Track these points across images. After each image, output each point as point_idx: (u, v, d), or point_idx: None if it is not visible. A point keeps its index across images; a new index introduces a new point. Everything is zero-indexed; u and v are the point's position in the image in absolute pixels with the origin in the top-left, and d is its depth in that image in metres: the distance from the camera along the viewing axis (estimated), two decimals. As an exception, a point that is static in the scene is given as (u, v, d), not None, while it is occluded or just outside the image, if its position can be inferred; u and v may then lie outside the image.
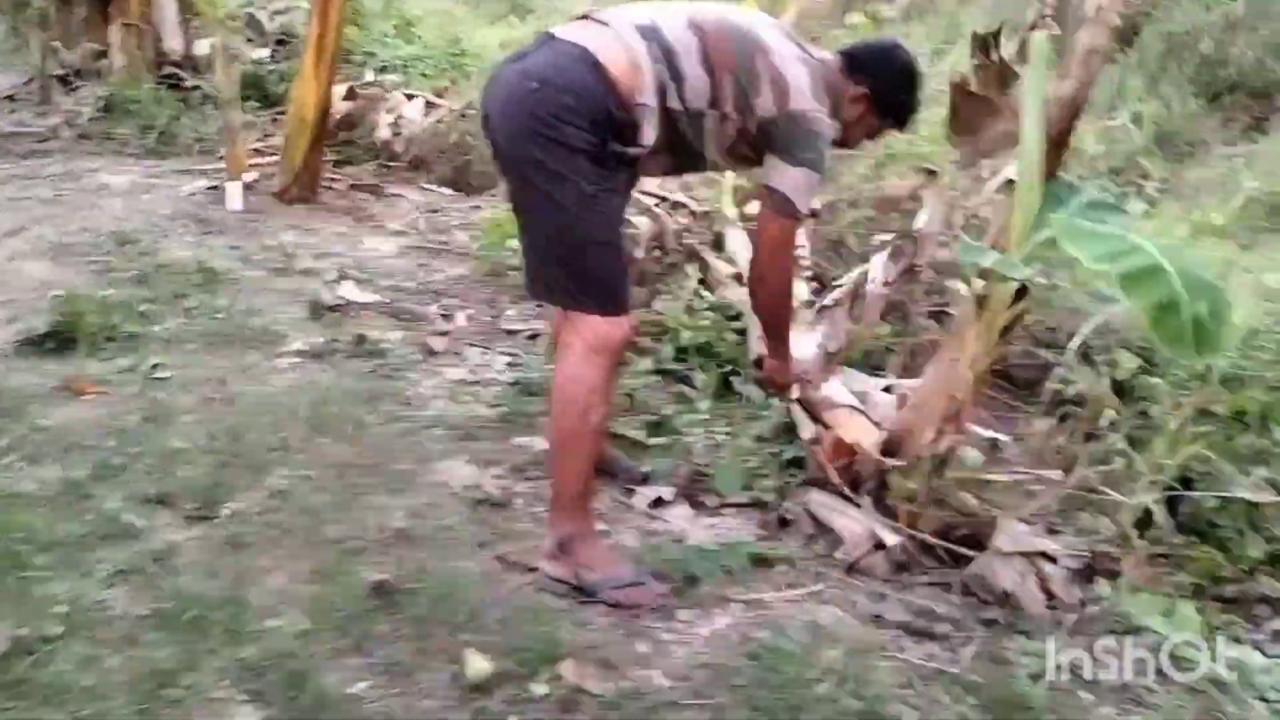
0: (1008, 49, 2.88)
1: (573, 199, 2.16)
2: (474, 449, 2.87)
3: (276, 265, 4.14)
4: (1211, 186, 11.05)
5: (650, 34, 2.26)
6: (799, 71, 2.36)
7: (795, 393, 2.95)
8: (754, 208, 3.63)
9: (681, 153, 2.41)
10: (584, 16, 2.36)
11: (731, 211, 4.29)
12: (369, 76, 8.12)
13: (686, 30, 2.29)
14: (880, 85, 2.53)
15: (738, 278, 3.87)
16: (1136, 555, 2.63)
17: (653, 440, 3.02)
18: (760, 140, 2.38)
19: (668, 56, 2.25)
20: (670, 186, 4.58)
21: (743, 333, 3.71)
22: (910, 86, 2.61)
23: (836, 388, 3.19)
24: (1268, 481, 2.96)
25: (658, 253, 4.16)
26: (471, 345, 3.64)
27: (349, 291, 3.93)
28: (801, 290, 3.65)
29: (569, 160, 2.15)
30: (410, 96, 7.18)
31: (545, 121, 2.13)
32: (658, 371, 3.45)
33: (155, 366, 3.14)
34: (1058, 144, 2.55)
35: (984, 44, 3.03)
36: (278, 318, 3.62)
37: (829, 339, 3.31)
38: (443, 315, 3.83)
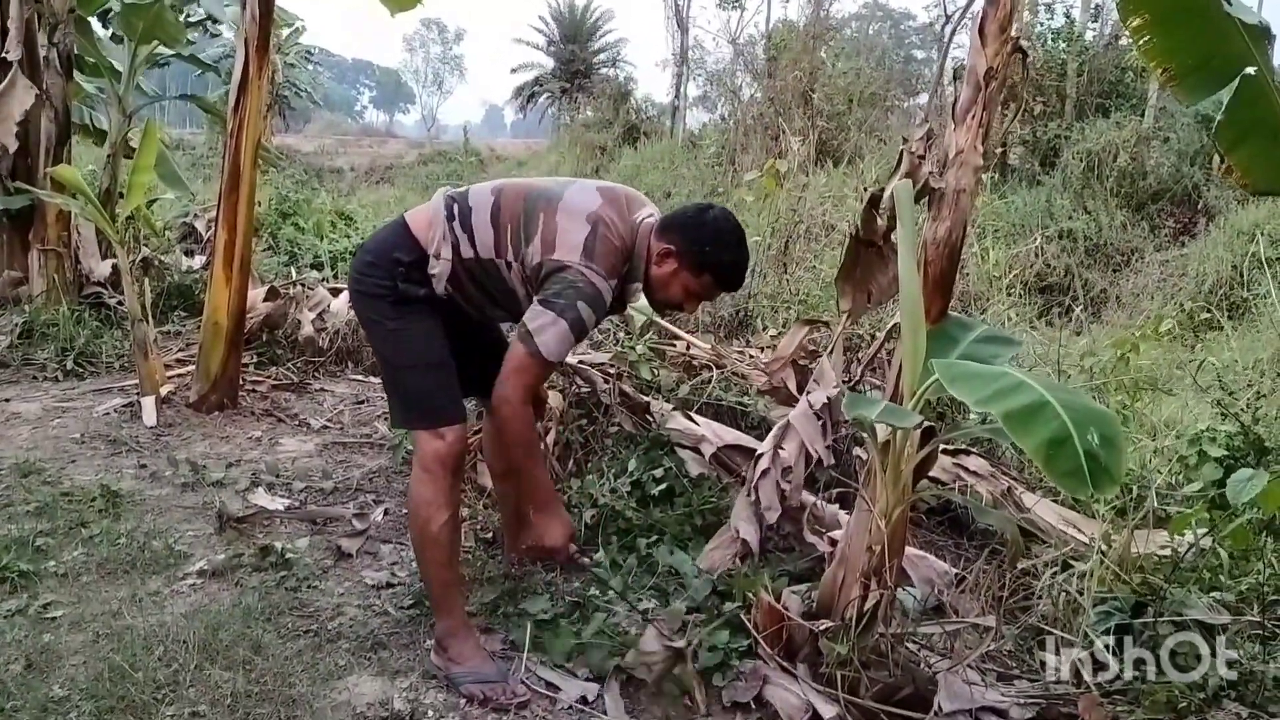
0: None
1: (381, 336, 2.66)
2: (382, 659, 2.70)
3: (185, 480, 3.98)
4: (1151, 291, 11.37)
5: (455, 198, 2.68)
6: (576, 227, 2.54)
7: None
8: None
9: (493, 294, 2.69)
10: None
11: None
12: (295, 274, 8.19)
13: (487, 193, 2.68)
14: (685, 240, 2.60)
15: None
16: (1089, 698, 2.49)
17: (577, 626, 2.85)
18: (534, 284, 2.60)
19: (463, 215, 2.63)
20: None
21: (669, 498, 3.60)
22: (717, 242, 2.62)
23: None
24: (1219, 603, 2.86)
25: (584, 422, 4.06)
26: (386, 542, 3.49)
27: (261, 499, 3.78)
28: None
29: (375, 306, 2.63)
30: (336, 291, 7.20)
31: (357, 280, 2.67)
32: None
33: (47, 606, 2.95)
34: (941, 285, 2.53)
35: (873, 198, 3.08)
36: (183, 536, 3.45)
37: (767, 510, 3.19)
38: (357, 515, 3.67)
